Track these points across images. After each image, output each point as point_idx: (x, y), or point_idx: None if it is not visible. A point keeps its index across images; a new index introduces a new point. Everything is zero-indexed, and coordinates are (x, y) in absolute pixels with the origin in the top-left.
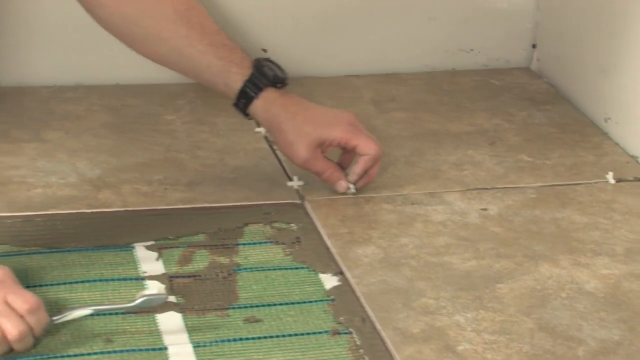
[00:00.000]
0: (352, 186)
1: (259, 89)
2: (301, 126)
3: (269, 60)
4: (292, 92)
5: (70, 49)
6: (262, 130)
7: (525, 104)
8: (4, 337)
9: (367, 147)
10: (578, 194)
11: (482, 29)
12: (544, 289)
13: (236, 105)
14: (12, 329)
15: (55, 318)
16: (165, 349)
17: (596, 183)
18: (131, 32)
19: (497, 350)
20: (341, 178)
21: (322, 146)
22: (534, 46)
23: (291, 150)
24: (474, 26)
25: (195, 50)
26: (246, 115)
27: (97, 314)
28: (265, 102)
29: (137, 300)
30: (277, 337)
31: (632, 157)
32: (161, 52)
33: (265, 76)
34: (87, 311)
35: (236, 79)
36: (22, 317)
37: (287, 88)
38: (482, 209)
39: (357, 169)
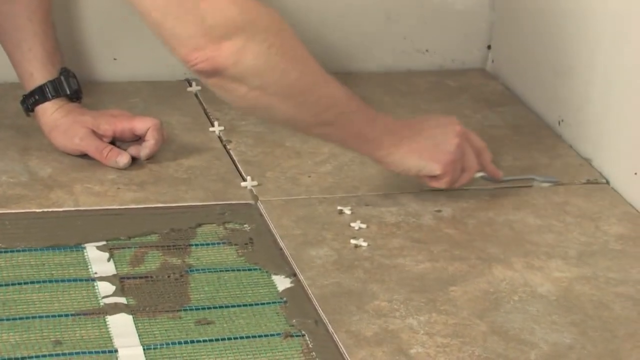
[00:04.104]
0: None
1: (57, 94)
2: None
3: (74, 75)
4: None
5: None
6: (216, 129)
7: (480, 105)
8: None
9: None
10: (531, 196)
11: (437, 29)
12: (496, 291)
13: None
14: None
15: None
16: (115, 351)
17: (549, 185)
18: None
19: (450, 354)
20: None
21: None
22: (489, 47)
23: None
24: (430, 27)
25: (31, 25)
26: (29, 112)
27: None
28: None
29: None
30: (229, 339)
31: (585, 159)
32: None
33: (69, 87)
34: None
35: (43, 75)
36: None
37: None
38: (436, 211)
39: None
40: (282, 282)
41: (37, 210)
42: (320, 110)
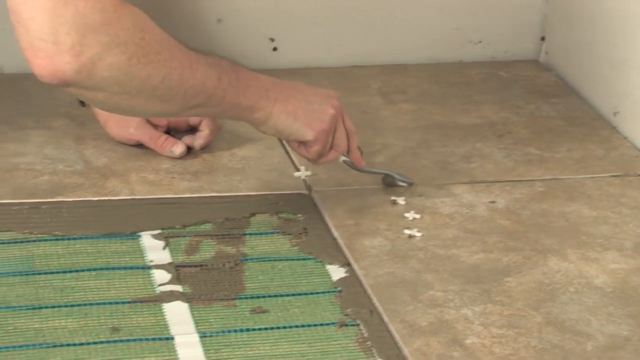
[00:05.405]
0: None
1: None
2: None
3: None
4: None
5: None
6: None
7: (534, 96)
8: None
9: None
10: (586, 187)
11: (490, 20)
12: (552, 282)
13: None
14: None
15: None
16: (172, 338)
17: (604, 177)
18: None
19: (505, 344)
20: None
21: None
22: (543, 38)
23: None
24: (482, 18)
25: None
26: (83, 103)
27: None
28: None
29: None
30: (284, 328)
31: None
32: None
33: None
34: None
35: None
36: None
37: None
38: (490, 202)
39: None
40: (336, 272)
41: (94, 199)
42: (188, 99)
